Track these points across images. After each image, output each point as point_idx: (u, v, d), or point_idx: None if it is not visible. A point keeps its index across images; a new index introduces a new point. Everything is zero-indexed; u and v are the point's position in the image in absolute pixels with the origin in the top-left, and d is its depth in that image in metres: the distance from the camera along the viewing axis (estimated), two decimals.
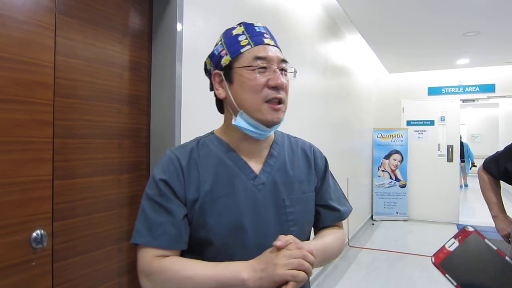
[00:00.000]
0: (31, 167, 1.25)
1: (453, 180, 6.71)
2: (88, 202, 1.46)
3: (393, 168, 6.84)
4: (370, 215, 6.77)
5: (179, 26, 1.74)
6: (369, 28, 4.66)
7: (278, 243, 0.83)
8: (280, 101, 0.92)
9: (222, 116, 1.03)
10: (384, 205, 6.80)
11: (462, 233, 0.56)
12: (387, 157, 6.86)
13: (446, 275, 0.50)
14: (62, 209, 1.36)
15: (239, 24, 0.97)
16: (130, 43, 1.67)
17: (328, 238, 1.03)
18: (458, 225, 6.41)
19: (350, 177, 5.01)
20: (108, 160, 1.56)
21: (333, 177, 1.15)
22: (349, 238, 5.02)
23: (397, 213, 6.78)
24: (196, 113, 1.85)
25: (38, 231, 1.26)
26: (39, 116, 1.27)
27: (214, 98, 1.01)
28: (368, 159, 6.73)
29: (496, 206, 1.84)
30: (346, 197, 1.21)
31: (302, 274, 0.79)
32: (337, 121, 4.58)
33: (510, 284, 0.46)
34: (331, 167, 1.15)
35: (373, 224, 6.49)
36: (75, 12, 1.40)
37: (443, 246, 0.54)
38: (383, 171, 6.87)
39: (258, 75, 0.90)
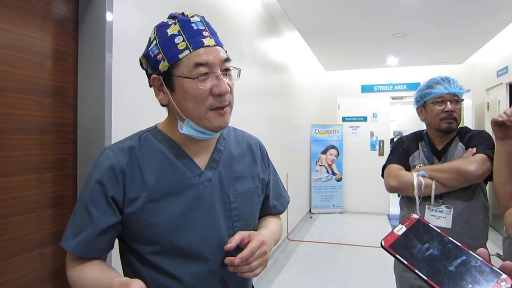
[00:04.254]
0: None
1: None
2: (3, 205, 1.31)
3: (330, 163, 7.11)
4: (308, 208, 6.99)
5: (108, 13, 1.63)
6: (306, 26, 4.77)
7: (228, 245, 0.85)
8: (225, 106, 0.89)
9: (157, 110, 0.97)
10: (322, 198, 7.05)
11: (408, 219, 0.59)
12: (324, 152, 7.12)
13: (397, 255, 0.53)
14: None
15: (173, 20, 0.86)
16: (53, 30, 1.53)
17: (272, 224, 1.07)
18: (388, 215, 6.84)
19: (289, 171, 5.11)
20: (27, 158, 1.41)
21: (274, 170, 1.16)
22: (288, 231, 5.13)
23: (333, 206, 7.07)
24: (128, 106, 1.75)
25: None
26: None
27: (148, 91, 0.95)
28: (307, 154, 6.92)
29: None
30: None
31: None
32: (276, 117, 4.64)
33: (452, 257, 0.53)
34: None
35: (311, 217, 6.71)
36: None
37: (392, 231, 0.57)
38: (320, 165, 7.11)
39: (200, 84, 0.83)
